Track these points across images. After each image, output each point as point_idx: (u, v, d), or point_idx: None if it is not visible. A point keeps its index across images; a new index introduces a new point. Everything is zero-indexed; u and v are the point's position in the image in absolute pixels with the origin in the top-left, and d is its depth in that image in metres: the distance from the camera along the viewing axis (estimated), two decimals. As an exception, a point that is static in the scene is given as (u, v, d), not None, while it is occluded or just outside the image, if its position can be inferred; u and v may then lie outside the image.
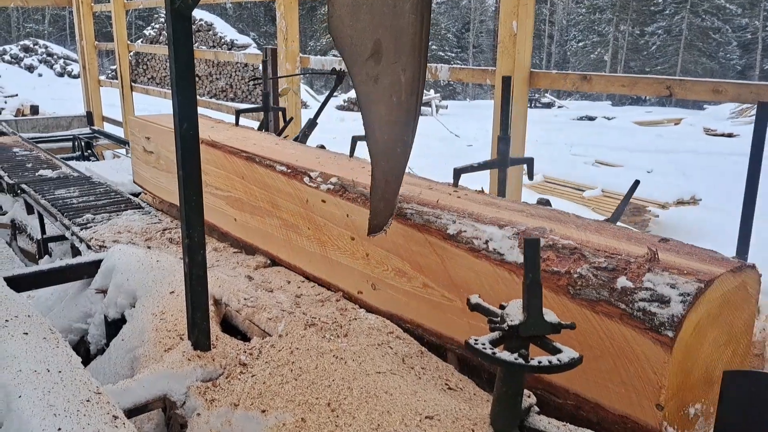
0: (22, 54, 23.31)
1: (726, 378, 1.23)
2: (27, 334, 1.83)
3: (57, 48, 25.10)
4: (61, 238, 4.51)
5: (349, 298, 2.64)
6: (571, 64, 42.63)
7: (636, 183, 2.73)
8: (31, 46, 24.09)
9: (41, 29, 35.07)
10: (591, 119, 24.38)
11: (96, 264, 2.94)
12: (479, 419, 1.63)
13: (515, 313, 1.45)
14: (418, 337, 2.29)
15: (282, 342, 2.12)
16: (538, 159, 3.38)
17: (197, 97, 1.96)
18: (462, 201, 2.41)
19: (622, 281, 1.70)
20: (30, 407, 1.48)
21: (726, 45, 40.54)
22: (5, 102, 13.51)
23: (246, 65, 19.98)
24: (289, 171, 2.92)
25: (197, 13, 20.12)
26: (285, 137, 4.08)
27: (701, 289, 1.62)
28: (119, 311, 2.70)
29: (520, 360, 1.37)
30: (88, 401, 1.57)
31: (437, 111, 23.14)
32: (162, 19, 21.90)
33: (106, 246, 3.54)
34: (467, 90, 40.45)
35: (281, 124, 4.59)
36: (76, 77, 21.78)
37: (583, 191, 10.70)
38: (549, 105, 29.07)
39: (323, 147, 3.71)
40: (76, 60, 22.24)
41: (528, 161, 3.28)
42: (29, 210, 5.22)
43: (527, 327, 1.42)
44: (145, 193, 4.66)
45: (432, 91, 24.81)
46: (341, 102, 23.47)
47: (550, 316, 1.44)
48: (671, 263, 1.75)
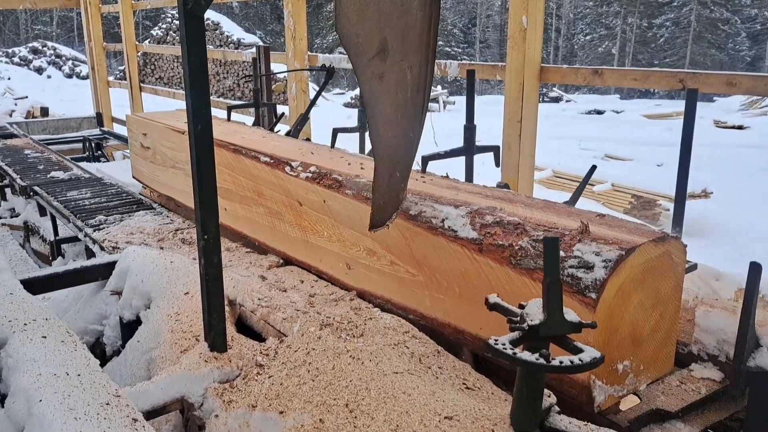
0: (30, 56, 23.44)
1: (755, 379, 1.21)
2: (45, 337, 1.83)
3: (65, 49, 25.22)
4: (74, 239, 4.53)
5: (330, 279, 2.81)
6: (579, 57, 42.39)
7: (593, 168, 2.87)
8: (40, 47, 24.22)
9: (49, 31, 35.26)
10: (599, 113, 24.25)
11: (110, 266, 2.95)
12: (499, 419, 1.62)
13: (535, 313, 1.43)
14: (386, 310, 2.48)
15: (298, 342, 2.11)
16: (546, 154, 3.51)
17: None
18: (426, 185, 2.59)
19: None
20: (51, 411, 1.48)
21: (735, 36, 40.17)
22: (15, 104, 13.59)
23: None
24: (272, 161, 3.06)
25: (204, 13, 20.08)
26: (277, 132, 4.19)
27: (622, 256, 1.79)
28: (134, 313, 2.71)
29: (541, 360, 1.36)
30: (107, 404, 1.57)
31: (444, 107, 23.08)
32: (169, 19, 21.95)
33: (119, 247, 3.55)
34: (474, 86, 40.34)
35: (275, 119, 4.70)
36: (84, 78, 21.87)
37: (593, 186, 10.63)
38: (557, 99, 28.93)
39: (309, 140, 3.83)
40: (84, 61, 22.34)
41: (494, 149, 3.47)
42: (42, 212, 5.25)
43: (547, 327, 1.41)
44: (144, 188, 4.77)
45: (439, 87, 24.76)
46: (348, 99, 23.46)
47: (570, 315, 1.42)
48: (601, 235, 1.92)
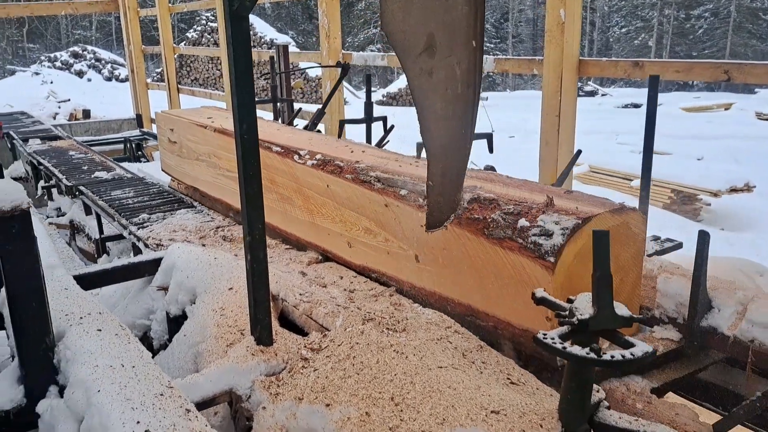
0: (71, 60, 24.08)
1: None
2: (100, 330, 1.90)
3: (104, 53, 25.83)
4: (119, 237, 4.65)
5: (334, 257, 3.06)
6: (614, 50, 41.58)
7: (578, 152, 2.96)
8: (80, 52, 24.86)
9: (89, 35, 36.16)
10: (636, 107, 23.76)
11: (156, 262, 3.03)
12: (547, 414, 1.61)
13: (584, 307, 1.42)
14: (383, 283, 2.72)
15: (341, 337, 2.14)
16: (583, 149, 3.52)
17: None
18: (418, 169, 2.76)
19: (521, 222, 2.10)
20: (109, 401, 1.54)
21: (778, 26, 38.86)
22: (59, 107, 13.99)
23: (294, 66, 20.14)
24: (283, 151, 3.30)
25: (237, 14, 20.34)
26: (295, 126, 4.48)
27: (579, 225, 1.98)
28: (180, 308, 2.78)
29: (591, 354, 1.35)
30: (161, 395, 1.62)
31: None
32: (203, 22, 22.30)
33: (162, 244, 3.63)
34: (507, 81, 39.93)
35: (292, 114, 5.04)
36: (122, 81, 22.37)
37: (631, 180, 10.43)
38: (592, 93, 28.45)
39: (319, 131, 4.13)
40: (122, 64, 22.85)
41: (488, 136, 3.56)
42: (87, 211, 5.40)
43: (597, 321, 1.40)
44: (173, 180, 5.05)
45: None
46: (380, 97, 23.47)
47: (621, 309, 1.41)
48: (563, 207, 2.12)
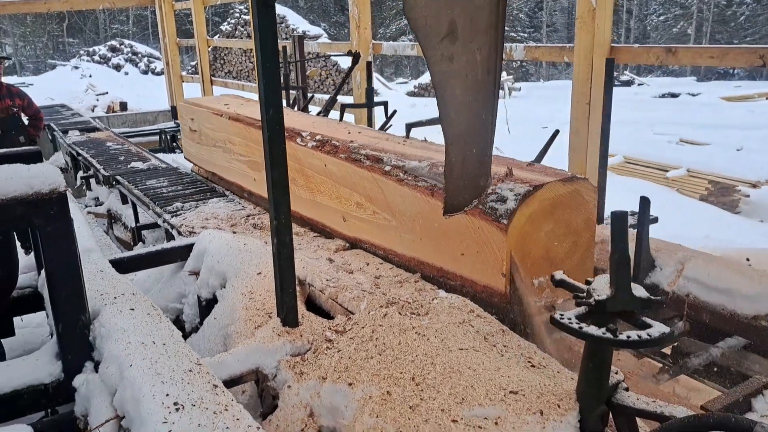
0: (109, 54, 24.61)
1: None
2: (133, 309, 1.97)
3: (141, 47, 26.33)
4: (153, 225, 4.78)
5: (332, 232, 3.29)
6: (652, 39, 40.56)
7: (556, 132, 3.09)
8: (118, 46, 25.38)
9: (126, 29, 36.90)
10: (674, 96, 23.19)
11: (188, 248, 3.11)
12: (565, 395, 1.63)
13: (602, 288, 1.43)
14: (372, 253, 2.96)
15: (365, 319, 2.18)
16: (617, 139, 3.48)
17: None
18: (404, 147, 3.02)
19: None
20: (140, 375, 1.61)
21: (826, 11, 37.37)
22: (97, 100, 14.36)
23: (318, 55, 20.24)
24: (287, 134, 3.53)
25: (270, 7, 20.48)
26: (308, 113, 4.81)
27: (530, 191, 2.24)
28: (211, 292, 2.85)
29: (608, 335, 1.36)
30: (190, 371, 1.69)
31: (510, 93, 22.68)
32: (237, 14, 22.51)
33: (195, 232, 3.73)
34: (540, 71, 39.36)
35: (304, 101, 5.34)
36: (158, 74, 22.76)
37: (667, 171, 10.22)
38: (628, 83, 27.86)
39: (325, 115, 4.33)
40: (158, 58, 23.25)
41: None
42: (123, 200, 5.56)
43: (615, 302, 1.40)
44: (194, 166, 5.29)
45: (504, 73, 24.31)
46: (411, 88, 23.40)
47: (639, 291, 1.42)
48: (521, 177, 2.36)
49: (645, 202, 2.32)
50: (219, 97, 5.23)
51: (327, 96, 5.49)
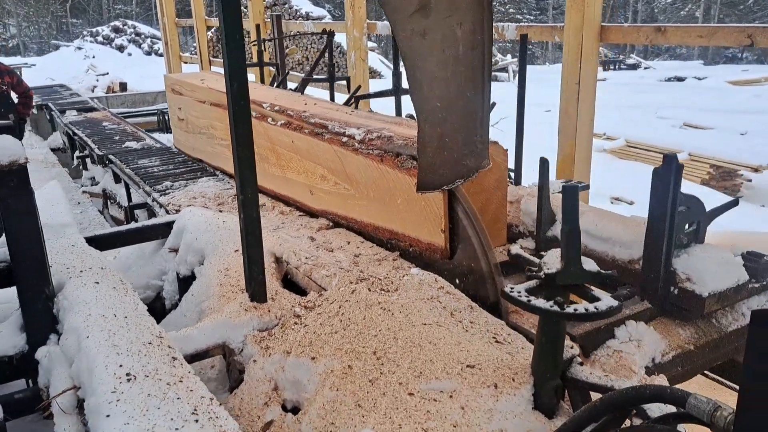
0: (112, 35, 24.53)
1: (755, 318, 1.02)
2: (98, 283, 1.98)
3: (144, 28, 26.22)
4: (146, 205, 4.79)
5: (301, 206, 3.43)
6: (660, 22, 40.05)
7: (492, 104, 3.28)
8: (121, 26, 25.29)
9: (129, 10, 36.74)
10: (680, 80, 22.98)
11: (169, 225, 3.12)
12: (521, 368, 1.62)
13: (553, 262, 1.42)
14: (339, 224, 3.11)
15: (335, 295, 2.18)
16: (620, 122, 3.55)
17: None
18: (350, 117, 3.26)
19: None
20: (95, 346, 1.62)
21: (838, -7, 36.74)
22: (97, 80, 14.35)
23: (321, 37, 20.10)
24: (257, 115, 3.62)
25: (273, -13, 20.31)
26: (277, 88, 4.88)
27: None
28: (189, 268, 2.86)
29: (555, 308, 1.35)
30: (150, 344, 1.69)
31: (515, 76, 22.49)
32: (240, -5, 22.34)
33: (181, 210, 3.73)
34: (546, 54, 39.00)
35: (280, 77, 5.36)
36: (161, 55, 22.68)
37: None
38: (634, 66, 27.58)
39: (302, 93, 4.42)
40: (161, 38, 23.15)
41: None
42: (116, 179, 5.56)
43: (565, 276, 1.39)
44: (182, 154, 5.34)
45: (509, 56, 24.10)
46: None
47: (589, 264, 1.41)
48: None
49: (544, 163, 2.52)
50: (197, 73, 5.44)
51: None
